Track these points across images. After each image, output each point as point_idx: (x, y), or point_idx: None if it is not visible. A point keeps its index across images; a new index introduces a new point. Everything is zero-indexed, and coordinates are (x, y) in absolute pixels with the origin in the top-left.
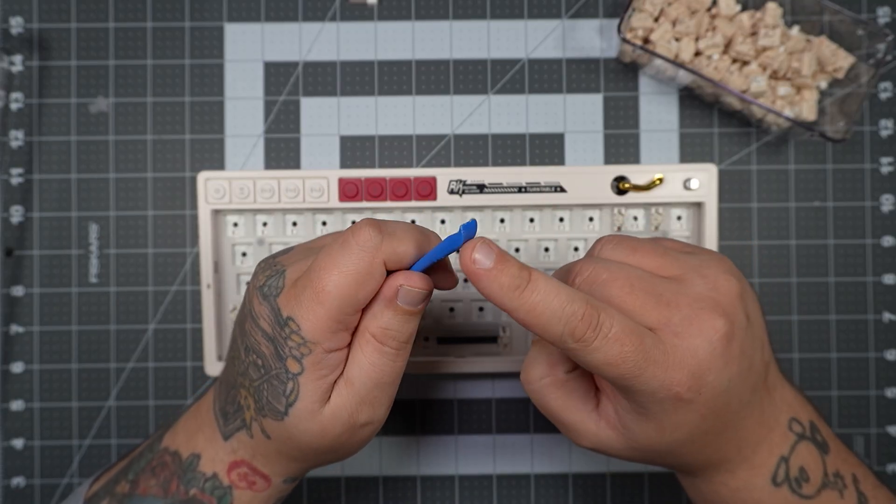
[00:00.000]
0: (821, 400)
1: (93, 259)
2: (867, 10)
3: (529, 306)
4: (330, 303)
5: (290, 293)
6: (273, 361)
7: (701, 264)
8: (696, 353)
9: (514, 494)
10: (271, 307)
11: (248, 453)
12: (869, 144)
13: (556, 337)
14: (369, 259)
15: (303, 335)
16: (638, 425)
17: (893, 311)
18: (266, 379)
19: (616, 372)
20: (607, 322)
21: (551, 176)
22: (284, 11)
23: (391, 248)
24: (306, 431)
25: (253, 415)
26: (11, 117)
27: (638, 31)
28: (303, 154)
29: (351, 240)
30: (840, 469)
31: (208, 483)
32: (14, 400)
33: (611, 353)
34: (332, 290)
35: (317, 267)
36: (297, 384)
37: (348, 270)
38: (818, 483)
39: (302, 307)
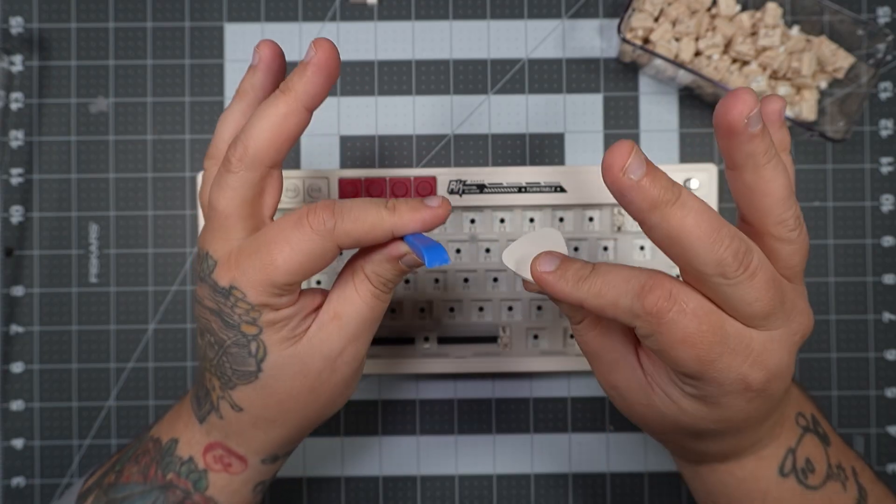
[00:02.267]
0: (821, 400)
1: (93, 259)
2: (867, 10)
3: (595, 291)
4: (277, 275)
5: (227, 264)
6: (224, 333)
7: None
8: (780, 356)
9: (514, 494)
10: (209, 284)
11: (222, 434)
12: (869, 144)
13: (628, 311)
14: (321, 242)
15: (249, 301)
16: (687, 402)
17: (893, 311)
18: (223, 351)
19: (691, 353)
20: (682, 295)
21: (551, 176)
22: (284, 11)
23: (345, 233)
24: (285, 375)
25: (219, 393)
26: (11, 117)
27: (638, 31)
28: (303, 154)
29: (305, 220)
30: (841, 461)
31: (184, 467)
32: (14, 400)
33: (689, 328)
34: (282, 265)
35: (266, 239)
36: (260, 342)
37: (300, 248)
38: (823, 474)
39: (246, 276)
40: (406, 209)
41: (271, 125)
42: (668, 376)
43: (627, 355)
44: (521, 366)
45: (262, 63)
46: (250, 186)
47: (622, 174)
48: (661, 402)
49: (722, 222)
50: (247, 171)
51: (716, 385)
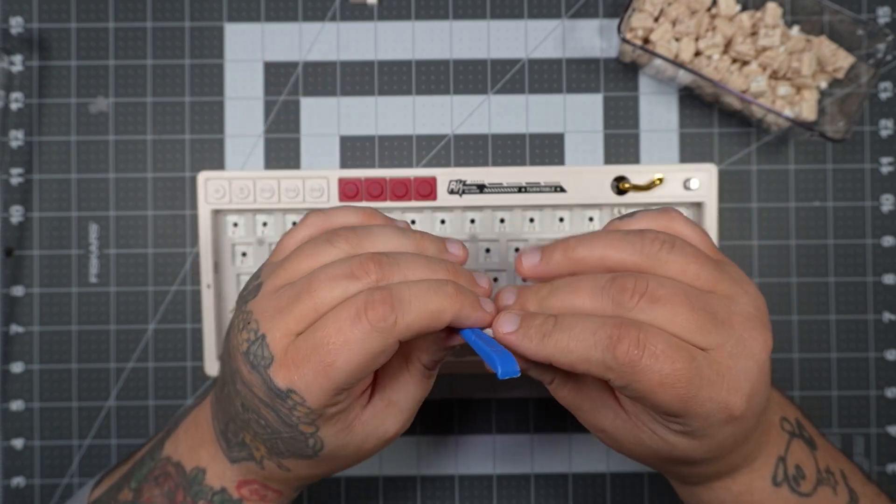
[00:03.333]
0: (821, 400)
1: (93, 259)
2: (867, 10)
3: (562, 347)
4: (339, 378)
5: (284, 363)
6: (280, 426)
7: (741, 278)
8: (749, 374)
9: (514, 494)
10: (262, 378)
11: (261, 477)
12: (869, 144)
13: (600, 364)
14: (382, 341)
15: (309, 406)
16: (674, 438)
17: (893, 311)
18: (277, 436)
19: (671, 393)
20: (651, 339)
21: (551, 176)
22: (284, 11)
23: (405, 328)
24: (341, 456)
25: (265, 455)
26: (11, 117)
27: (638, 31)
28: (303, 154)
29: (364, 317)
30: (830, 465)
31: (216, 496)
32: (14, 400)
33: (664, 370)
34: (343, 367)
35: (325, 341)
36: (317, 438)
37: (361, 349)
38: (814, 480)
39: (305, 380)
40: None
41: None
42: (652, 416)
43: (606, 401)
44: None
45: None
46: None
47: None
48: (649, 440)
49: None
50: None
51: (701, 419)
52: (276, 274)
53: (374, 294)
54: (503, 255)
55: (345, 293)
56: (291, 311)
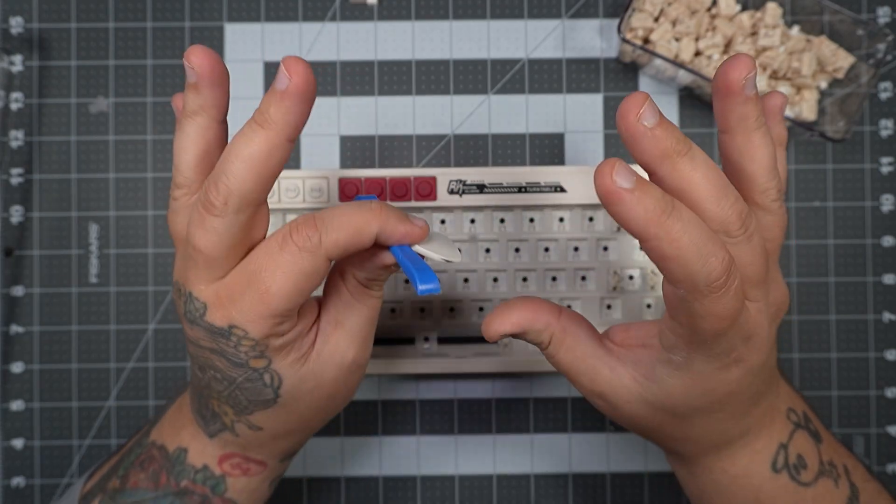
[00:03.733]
0: (821, 400)
1: (93, 259)
2: (867, 10)
3: (674, 234)
4: (276, 303)
5: (217, 304)
6: (232, 371)
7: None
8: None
9: (514, 494)
10: (203, 327)
11: (239, 447)
12: (869, 144)
13: (691, 275)
14: (311, 259)
15: (252, 337)
16: (671, 379)
17: (893, 311)
18: (235, 386)
19: (716, 326)
20: (735, 273)
21: (551, 176)
22: (284, 11)
23: (333, 244)
24: (303, 394)
25: (234, 418)
26: (11, 117)
27: (638, 31)
28: (303, 154)
29: (290, 240)
30: (833, 459)
31: (199, 474)
32: (14, 400)
33: (729, 305)
34: (277, 292)
35: (255, 268)
36: (272, 373)
37: (291, 270)
38: (815, 470)
39: (243, 312)
40: (392, 214)
41: (254, 163)
42: (651, 357)
43: (602, 356)
44: (521, 366)
45: (202, 79)
46: (239, 228)
47: (637, 120)
48: (645, 391)
49: (727, 182)
50: (233, 214)
51: (703, 357)
52: None
53: (298, 221)
54: (503, 255)
55: None
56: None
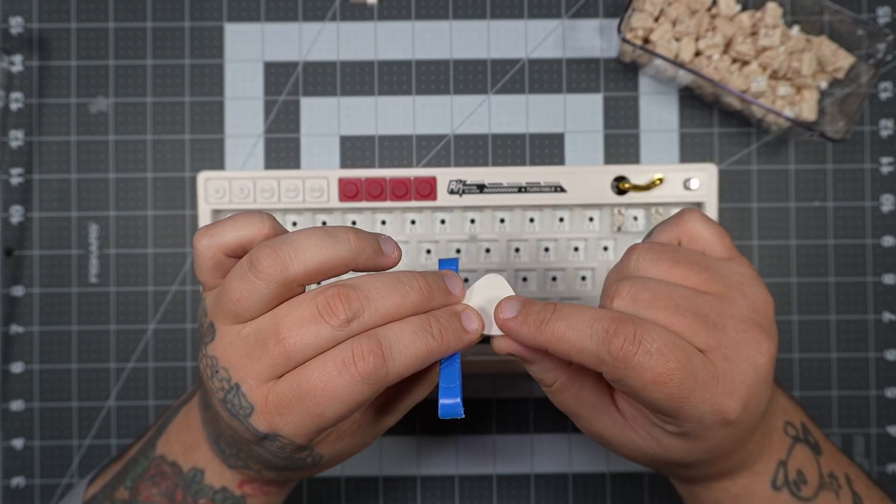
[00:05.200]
0: (821, 400)
1: (93, 259)
2: (867, 10)
3: (558, 335)
4: (327, 423)
5: (266, 412)
6: (272, 458)
7: (741, 279)
8: (746, 378)
9: (514, 494)
10: (245, 426)
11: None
12: (869, 144)
13: (594, 356)
14: (372, 390)
15: (297, 444)
16: (670, 441)
17: (893, 311)
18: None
19: (663, 392)
20: (647, 335)
21: (551, 176)
22: (284, 11)
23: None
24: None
25: (262, 469)
26: (11, 117)
27: (638, 31)
28: (303, 154)
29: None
30: (834, 470)
31: (218, 495)
32: (14, 400)
33: (656, 369)
34: (331, 416)
35: (310, 388)
36: (314, 455)
37: (350, 399)
38: (815, 485)
39: (291, 426)
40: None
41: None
42: (648, 418)
43: (605, 406)
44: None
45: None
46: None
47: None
48: (644, 443)
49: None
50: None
51: (694, 420)
52: (222, 312)
53: (360, 344)
54: (503, 255)
55: (317, 338)
56: (262, 359)
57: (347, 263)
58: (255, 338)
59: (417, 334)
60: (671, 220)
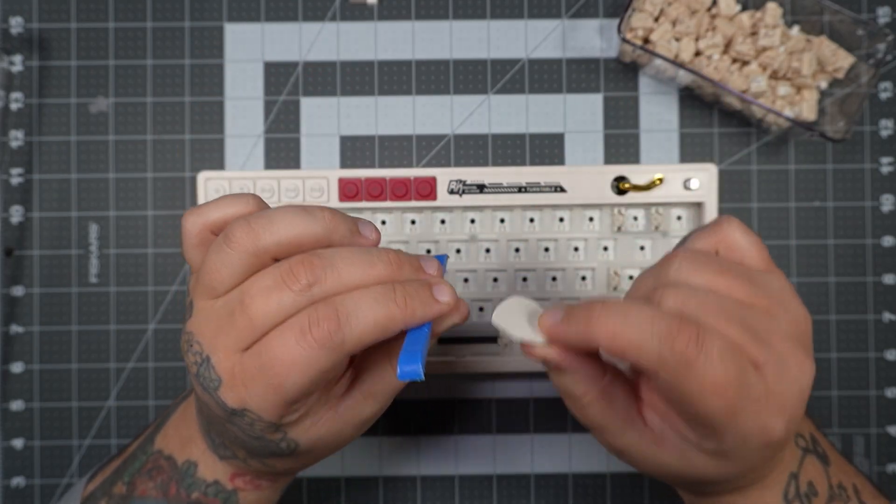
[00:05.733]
0: (821, 400)
1: (93, 259)
2: (867, 10)
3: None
4: (289, 394)
5: (232, 384)
6: (246, 438)
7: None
8: (792, 398)
9: (514, 494)
10: (215, 400)
11: (251, 471)
12: (869, 144)
13: (654, 355)
14: (330, 357)
15: (266, 420)
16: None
17: (893, 311)
18: (252, 443)
19: (719, 403)
20: (709, 339)
21: (551, 176)
22: (284, 11)
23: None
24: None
25: (247, 456)
26: (11, 117)
27: (638, 31)
28: (303, 154)
29: (309, 336)
30: (842, 480)
31: (210, 488)
32: (14, 400)
33: (717, 375)
34: (291, 387)
35: (269, 359)
36: (288, 440)
37: (308, 368)
38: (826, 496)
39: (256, 399)
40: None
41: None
42: (682, 434)
43: (633, 421)
44: (521, 366)
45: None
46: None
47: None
48: (672, 461)
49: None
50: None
51: (739, 438)
52: (198, 288)
53: (318, 311)
54: (503, 255)
55: (280, 305)
56: (229, 330)
57: (321, 239)
58: (224, 310)
59: (378, 301)
60: (709, 228)
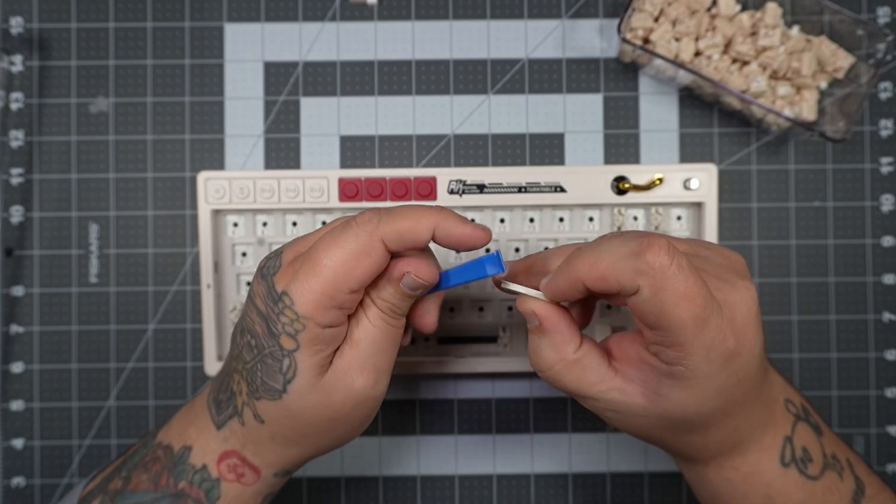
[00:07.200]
0: (821, 400)
1: (93, 259)
2: (867, 10)
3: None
4: (325, 276)
5: (287, 270)
6: (266, 340)
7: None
8: (738, 311)
9: (514, 494)
10: (267, 284)
11: (240, 442)
12: (869, 144)
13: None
14: (367, 237)
15: (296, 310)
16: (677, 393)
17: (893, 311)
18: (260, 358)
19: (690, 311)
20: (676, 252)
21: (551, 176)
22: (284, 11)
23: (390, 227)
24: (307, 405)
25: (245, 399)
26: (11, 117)
27: (638, 31)
28: (303, 154)
29: (352, 221)
30: (836, 452)
31: (197, 475)
32: (14, 400)
33: (688, 282)
34: (329, 264)
35: (318, 244)
36: (293, 360)
37: (347, 246)
38: (820, 463)
39: (298, 281)
40: (451, 215)
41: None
42: (654, 374)
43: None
44: (521, 366)
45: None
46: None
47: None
48: (652, 404)
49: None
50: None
51: (704, 352)
52: None
53: (362, 213)
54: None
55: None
56: (300, 240)
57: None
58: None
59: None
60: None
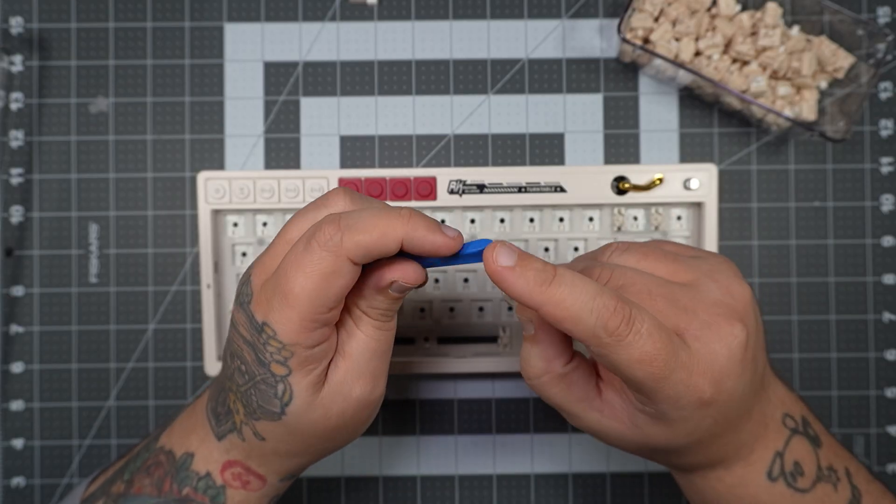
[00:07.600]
0: (821, 400)
1: (93, 259)
2: (867, 10)
3: (557, 299)
4: (300, 304)
5: (259, 298)
6: (256, 367)
7: (712, 269)
8: (717, 358)
9: (514, 494)
10: (246, 314)
11: (242, 454)
12: (869, 144)
13: (588, 330)
14: (332, 259)
15: (280, 339)
16: (651, 427)
17: (893, 311)
18: (253, 384)
19: (646, 371)
20: (639, 317)
21: (551, 176)
22: (284, 11)
23: (353, 243)
24: (307, 421)
25: (243, 419)
26: (11, 117)
27: (638, 31)
28: (303, 154)
29: (312, 241)
30: (833, 463)
31: (201, 482)
32: (14, 400)
33: (644, 349)
34: (300, 293)
35: (282, 270)
36: (287, 385)
37: (313, 271)
38: (813, 476)
39: (273, 312)
40: (421, 223)
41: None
42: (631, 406)
43: (591, 400)
44: None
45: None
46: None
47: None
48: (629, 432)
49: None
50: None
51: (671, 401)
52: None
53: (323, 222)
54: None
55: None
56: (265, 256)
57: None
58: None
59: (381, 212)
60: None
